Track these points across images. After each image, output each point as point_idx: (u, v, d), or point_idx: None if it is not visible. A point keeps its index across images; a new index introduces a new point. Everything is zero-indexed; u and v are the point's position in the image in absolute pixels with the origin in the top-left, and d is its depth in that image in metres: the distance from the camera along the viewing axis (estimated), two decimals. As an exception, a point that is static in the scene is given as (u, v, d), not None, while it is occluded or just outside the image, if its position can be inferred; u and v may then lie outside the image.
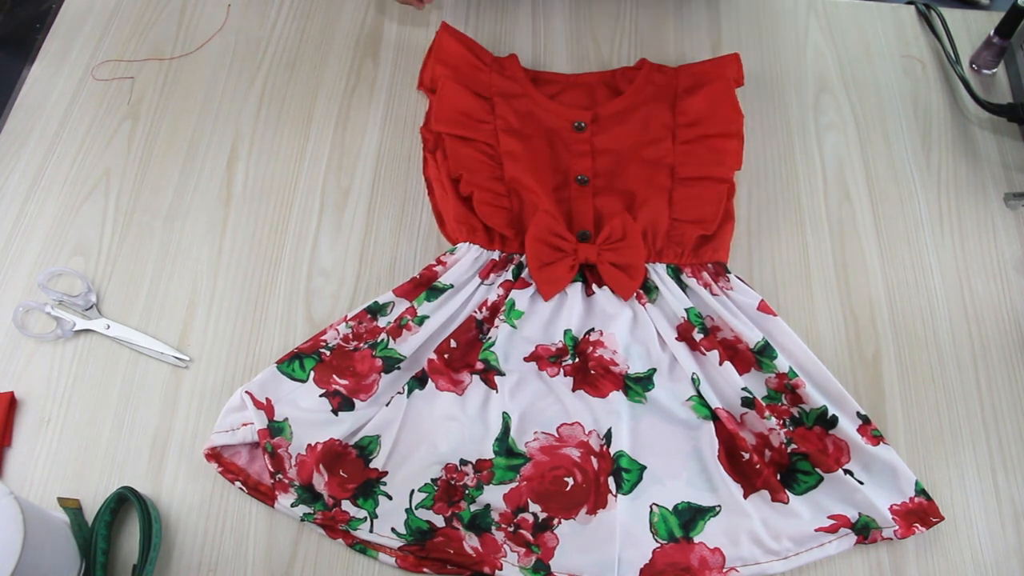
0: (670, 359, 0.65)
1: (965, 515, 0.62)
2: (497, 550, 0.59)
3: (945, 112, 0.81)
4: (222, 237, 0.71)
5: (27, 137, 0.75)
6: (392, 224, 0.72)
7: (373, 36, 0.82)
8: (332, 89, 0.79)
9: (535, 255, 0.66)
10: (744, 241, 0.72)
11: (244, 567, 0.59)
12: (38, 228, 0.71)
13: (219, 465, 0.60)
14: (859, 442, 0.61)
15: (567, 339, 0.65)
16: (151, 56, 0.80)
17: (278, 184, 0.74)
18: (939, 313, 0.70)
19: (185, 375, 0.65)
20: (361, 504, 0.59)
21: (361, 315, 0.65)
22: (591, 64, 0.81)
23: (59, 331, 0.65)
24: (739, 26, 0.85)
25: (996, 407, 0.66)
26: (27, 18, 0.84)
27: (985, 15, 0.88)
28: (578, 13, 0.85)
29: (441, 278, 0.66)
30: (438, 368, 0.63)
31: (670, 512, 0.60)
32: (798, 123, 0.79)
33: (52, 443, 0.62)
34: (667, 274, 0.67)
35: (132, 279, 0.69)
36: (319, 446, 0.60)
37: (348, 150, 0.76)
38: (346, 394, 0.62)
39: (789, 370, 0.64)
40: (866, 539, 0.60)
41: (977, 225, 0.75)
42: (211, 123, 0.76)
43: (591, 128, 0.73)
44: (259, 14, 0.83)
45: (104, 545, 0.57)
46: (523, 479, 0.60)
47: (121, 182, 0.73)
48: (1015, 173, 0.77)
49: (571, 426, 0.62)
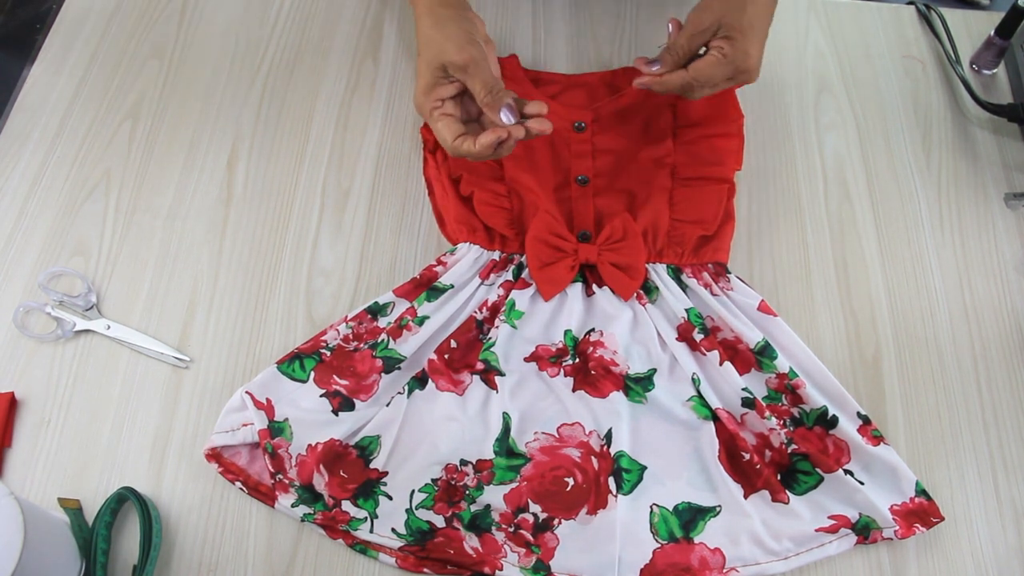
0: (670, 359, 0.65)
1: (965, 515, 0.62)
2: (497, 550, 0.59)
3: (945, 112, 0.81)
4: (222, 237, 0.71)
5: (27, 137, 0.75)
6: (392, 224, 0.72)
7: (373, 36, 0.82)
8: (332, 89, 0.79)
9: (535, 255, 0.66)
10: (744, 241, 0.72)
11: (244, 567, 0.59)
12: (38, 228, 0.71)
13: (219, 465, 0.60)
14: (859, 442, 0.61)
15: (567, 339, 0.65)
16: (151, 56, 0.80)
17: (278, 184, 0.74)
18: (939, 313, 0.70)
19: (185, 375, 0.65)
20: (361, 504, 0.59)
21: (361, 315, 0.65)
22: (591, 64, 0.81)
23: (59, 331, 0.65)
24: (739, 26, 0.85)
25: (996, 407, 0.66)
26: (27, 18, 0.84)
27: (985, 15, 0.88)
28: (578, 13, 0.85)
29: (441, 278, 0.66)
30: (438, 368, 0.63)
31: (670, 512, 0.60)
32: (798, 123, 0.79)
33: (52, 443, 0.62)
34: (667, 274, 0.67)
35: (132, 279, 0.69)
36: (319, 446, 0.60)
37: (348, 150, 0.76)
38: (346, 394, 0.62)
39: (789, 370, 0.64)
40: (866, 539, 0.60)
41: (977, 225, 0.75)
42: (211, 123, 0.76)
43: (591, 128, 0.73)
44: (259, 14, 0.83)
45: (104, 545, 0.57)
46: (523, 479, 0.60)
47: (121, 182, 0.73)
48: (1015, 173, 0.77)
49: (571, 426, 0.62)
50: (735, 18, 0.63)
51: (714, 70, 0.63)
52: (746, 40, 0.63)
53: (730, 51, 0.63)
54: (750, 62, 0.63)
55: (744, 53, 0.63)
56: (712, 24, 0.63)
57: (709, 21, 0.63)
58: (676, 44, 0.65)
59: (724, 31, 0.63)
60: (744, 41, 0.63)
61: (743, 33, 0.63)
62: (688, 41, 0.64)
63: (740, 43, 0.63)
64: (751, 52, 0.63)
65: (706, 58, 0.64)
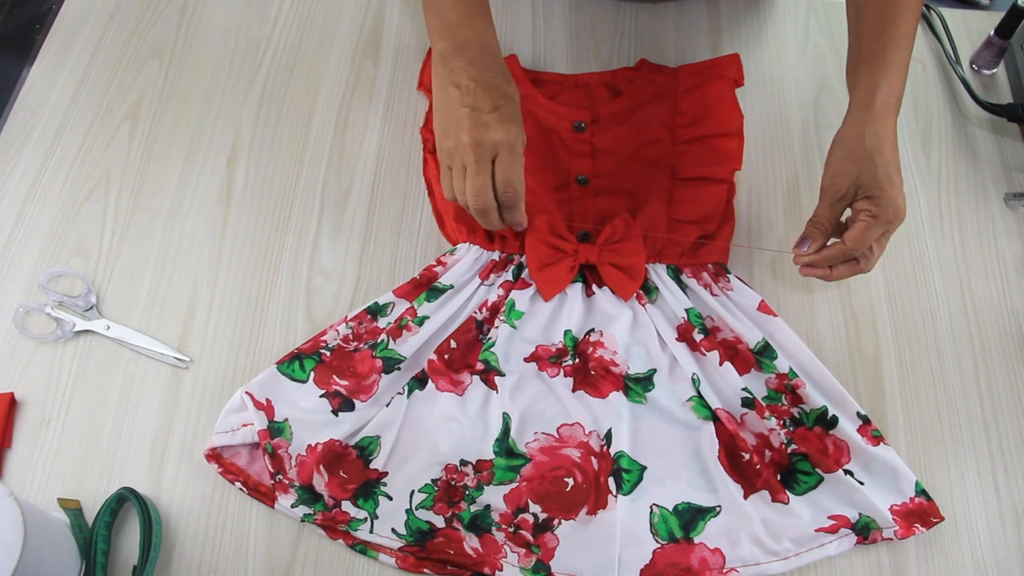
0: (670, 360, 0.65)
1: (965, 515, 0.62)
2: (497, 551, 0.59)
3: (945, 112, 0.81)
4: (222, 237, 0.71)
5: (27, 137, 0.75)
6: (392, 224, 0.72)
7: (373, 36, 0.82)
8: (332, 89, 0.79)
9: (535, 256, 0.66)
10: (744, 241, 0.72)
11: (244, 568, 0.59)
12: (38, 229, 0.71)
13: (219, 466, 0.60)
14: (859, 442, 0.61)
15: (567, 340, 0.65)
16: (151, 56, 0.80)
17: (278, 184, 0.74)
18: (939, 313, 0.70)
19: (185, 375, 0.65)
20: (361, 505, 0.59)
21: (361, 316, 0.65)
22: (591, 64, 0.81)
23: (59, 332, 0.65)
24: (739, 26, 0.85)
25: (996, 407, 0.66)
26: (27, 18, 0.84)
27: (985, 15, 0.88)
28: (578, 13, 0.85)
29: (441, 279, 0.66)
30: (438, 369, 0.63)
31: (670, 512, 0.60)
32: (798, 123, 0.79)
33: (52, 444, 0.62)
34: (667, 275, 0.67)
35: (132, 279, 0.69)
36: (319, 447, 0.60)
37: (348, 150, 0.76)
38: (346, 395, 0.62)
39: (789, 370, 0.64)
40: (866, 539, 0.60)
41: (977, 225, 0.75)
42: (211, 123, 0.76)
43: (591, 128, 0.73)
44: (259, 14, 0.83)
45: (104, 546, 0.57)
46: (523, 479, 0.60)
47: (121, 182, 0.73)
48: (1015, 173, 0.77)
49: (571, 426, 0.62)
50: (870, 175, 0.59)
51: (868, 234, 0.59)
52: (888, 193, 0.59)
53: (878, 211, 0.58)
54: (900, 212, 0.59)
55: (893, 206, 0.59)
56: (849, 188, 0.60)
57: (846, 185, 0.60)
58: (819, 216, 0.62)
59: (864, 191, 0.59)
60: (886, 195, 0.58)
61: (883, 188, 0.58)
62: (830, 210, 0.61)
63: (884, 199, 0.58)
64: (898, 202, 0.59)
65: (856, 226, 0.59)
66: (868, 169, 0.59)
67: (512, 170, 0.59)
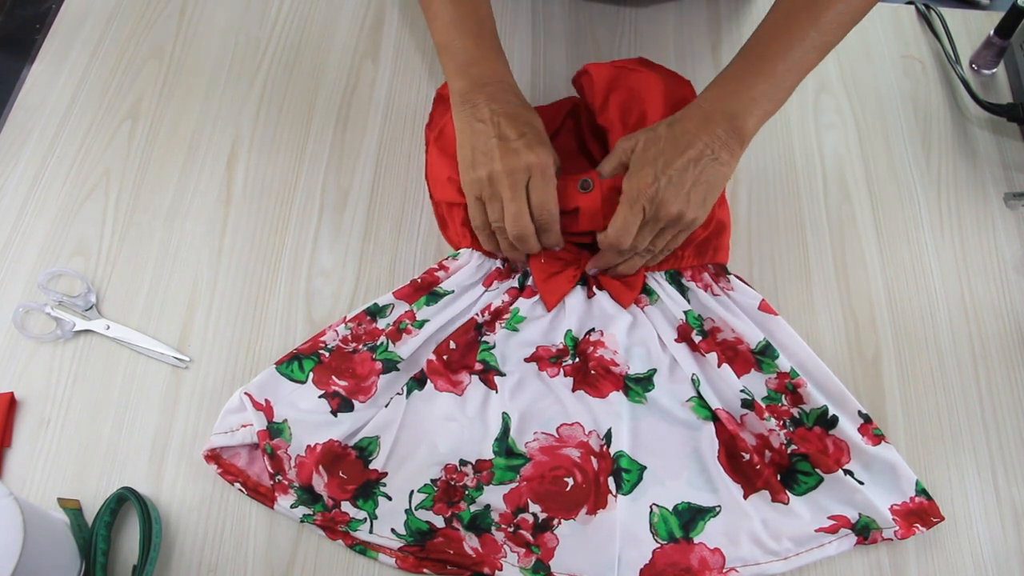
0: (670, 360, 0.65)
1: (965, 515, 0.62)
2: (497, 550, 0.59)
3: (945, 112, 0.81)
4: (222, 237, 0.71)
5: (27, 137, 0.75)
6: (392, 225, 0.72)
7: (373, 36, 0.82)
8: (332, 89, 0.79)
9: (541, 268, 0.66)
10: (744, 241, 0.72)
11: (244, 568, 0.59)
12: (38, 228, 0.71)
13: (218, 466, 0.60)
14: (859, 442, 0.61)
15: (567, 339, 0.65)
16: (151, 56, 0.80)
17: (278, 184, 0.74)
18: (939, 313, 0.70)
19: (185, 375, 0.65)
20: (361, 505, 0.59)
21: (360, 317, 0.65)
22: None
23: (59, 332, 0.65)
24: (739, 26, 0.85)
25: (996, 407, 0.66)
26: (27, 18, 0.84)
27: (985, 15, 0.88)
28: (578, 13, 0.85)
29: (443, 284, 0.66)
30: (437, 369, 0.63)
31: (670, 512, 0.60)
32: (798, 123, 0.79)
33: (52, 444, 0.62)
34: (666, 280, 0.67)
35: (132, 279, 0.69)
36: (318, 447, 0.60)
37: (348, 150, 0.76)
38: (345, 395, 0.62)
39: (791, 369, 0.64)
40: (866, 539, 0.60)
41: (977, 225, 0.74)
42: (211, 123, 0.76)
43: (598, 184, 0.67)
44: (259, 14, 0.83)
45: (104, 546, 0.57)
46: (523, 479, 0.60)
47: (121, 182, 0.73)
48: (1015, 173, 0.77)
49: (571, 426, 0.62)
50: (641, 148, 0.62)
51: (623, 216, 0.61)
52: (637, 168, 0.61)
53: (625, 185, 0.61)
54: (644, 192, 0.60)
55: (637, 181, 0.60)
56: (625, 150, 0.63)
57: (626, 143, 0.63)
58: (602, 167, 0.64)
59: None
60: (634, 169, 0.61)
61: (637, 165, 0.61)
62: (607, 164, 0.64)
63: (631, 172, 0.61)
64: (644, 180, 0.60)
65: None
66: (645, 143, 0.61)
67: (546, 192, 0.61)
